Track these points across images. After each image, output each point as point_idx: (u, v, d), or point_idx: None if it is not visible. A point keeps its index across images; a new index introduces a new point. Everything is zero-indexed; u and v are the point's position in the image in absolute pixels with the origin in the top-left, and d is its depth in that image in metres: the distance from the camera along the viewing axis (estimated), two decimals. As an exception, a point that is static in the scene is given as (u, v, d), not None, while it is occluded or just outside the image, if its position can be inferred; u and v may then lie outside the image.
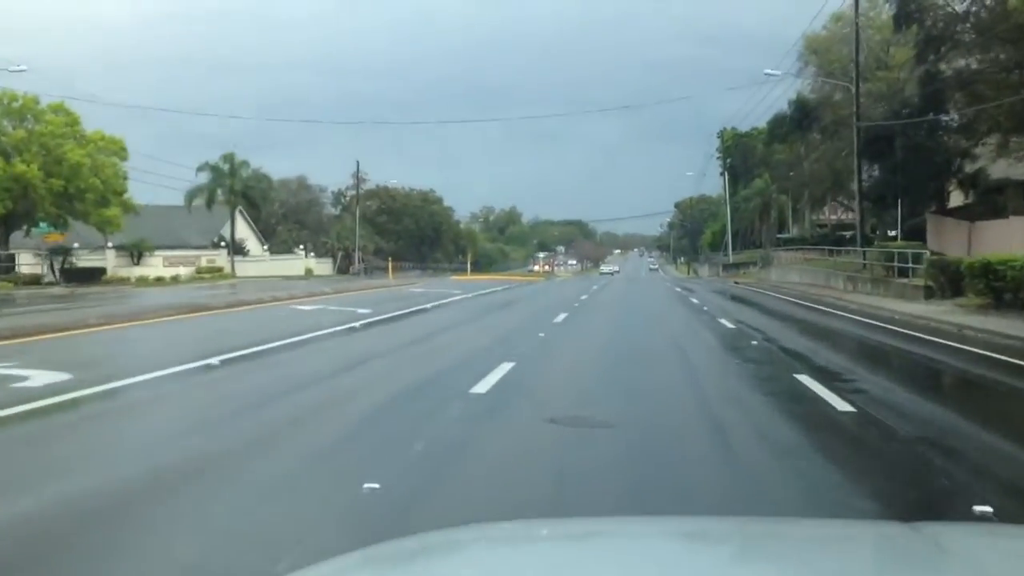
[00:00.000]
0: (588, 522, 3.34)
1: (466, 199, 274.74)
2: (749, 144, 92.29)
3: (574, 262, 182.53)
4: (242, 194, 68.74)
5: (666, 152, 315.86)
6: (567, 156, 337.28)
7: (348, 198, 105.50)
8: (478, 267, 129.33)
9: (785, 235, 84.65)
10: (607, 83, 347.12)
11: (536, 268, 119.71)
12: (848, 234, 69.47)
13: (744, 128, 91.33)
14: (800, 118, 63.90)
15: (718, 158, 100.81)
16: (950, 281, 28.51)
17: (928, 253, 30.01)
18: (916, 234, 50.11)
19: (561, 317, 21.31)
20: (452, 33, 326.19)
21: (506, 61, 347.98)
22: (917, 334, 19.17)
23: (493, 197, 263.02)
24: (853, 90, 59.96)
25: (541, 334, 17.17)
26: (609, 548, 2.29)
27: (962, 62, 41.51)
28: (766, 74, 47.63)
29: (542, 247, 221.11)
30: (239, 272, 71.09)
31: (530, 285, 47.17)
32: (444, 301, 26.91)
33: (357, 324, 18.70)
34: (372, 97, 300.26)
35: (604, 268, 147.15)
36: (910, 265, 31.50)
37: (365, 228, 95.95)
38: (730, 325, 19.82)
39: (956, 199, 49.07)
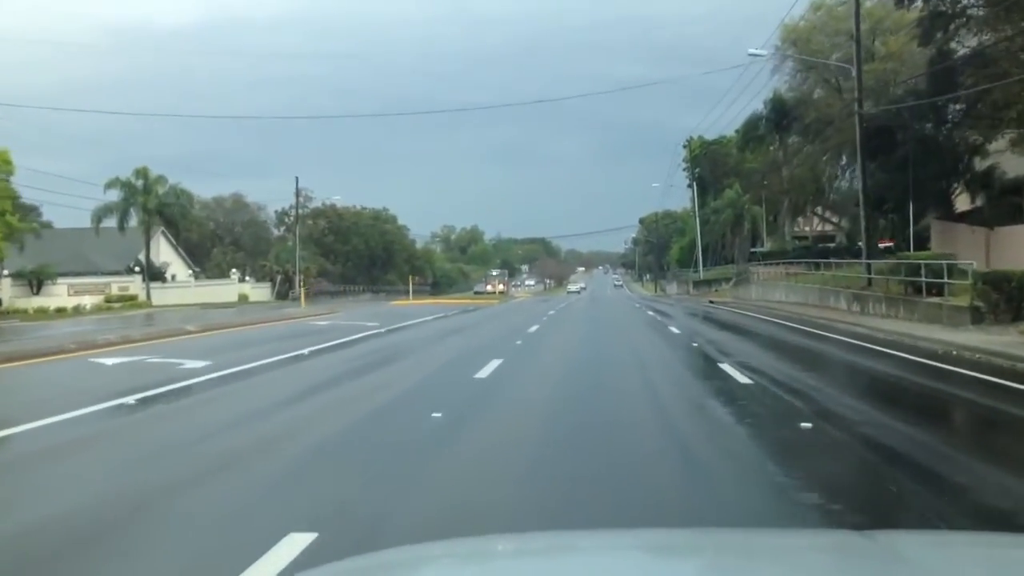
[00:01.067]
0: (558, 536, 3.34)
1: (428, 219, 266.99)
2: (718, 152, 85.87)
3: (532, 282, 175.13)
4: (158, 212, 60.91)
5: (631, 169, 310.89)
6: (531, 174, 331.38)
7: (292, 218, 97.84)
8: (437, 288, 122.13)
9: (759, 249, 78.18)
10: (570, 100, 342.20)
11: (489, 288, 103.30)
12: (832, 245, 63.23)
13: (712, 136, 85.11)
14: (778, 118, 57.35)
15: (685, 169, 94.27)
16: (1008, 301, 21.70)
17: (974, 265, 23.24)
18: (918, 244, 43.72)
19: (490, 368, 14.10)
20: (415, 50, 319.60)
21: (470, 79, 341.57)
22: (1014, 384, 12.29)
23: (455, 216, 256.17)
24: (835, 82, 53.74)
25: (436, 414, 9.86)
26: (579, 564, 2.32)
27: (974, 41, 35.16)
28: (750, 55, 40.53)
29: (505, 266, 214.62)
30: (157, 300, 63.20)
31: (477, 311, 39.92)
32: (331, 344, 19.44)
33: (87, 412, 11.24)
34: (339, 114, 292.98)
35: (571, 287, 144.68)
36: (945, 280, 24.69)
37: (309, 249, 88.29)
38: (744, 379, 12.72)
39: (962, 203, 42.66)
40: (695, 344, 19.60)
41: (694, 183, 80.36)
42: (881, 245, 56.08)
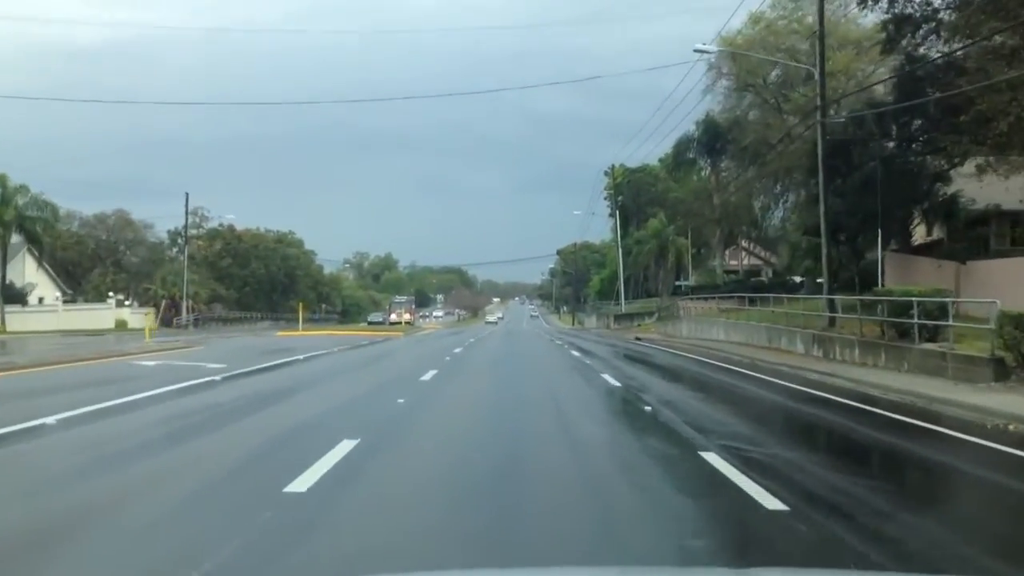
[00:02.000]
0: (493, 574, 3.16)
1: (342, 247, 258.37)
2: (642, 181, 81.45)
3: (440, 313, 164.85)
4: (18, 226, 53.04)
5: (550, 201, 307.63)
6: (450, 204, 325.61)
7: (188, 238, 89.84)
8: (346, 316, 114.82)
9: (685, 282, 73.64)
10: (490, 132, 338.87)
11: (393, 317, 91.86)
12: (764, 280, 58.78)
13: (636, 164, 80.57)
14: (710, 141, 52.75)
15: (606, 197, 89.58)
16: (1046, 351, 16.48)
17: (998, 304, 18.00)
18: (864, 278, 39.09)
19: (319, 470, 7.96)
20: (340, 76, 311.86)
21: (388, 107, 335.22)
22: None
23: (371, 245, 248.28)
24: (775, 102, 49.30)
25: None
26: None
27: (944, 47, 30.65)
28: (696, 51, 35.32)
29: (419, 295, 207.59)
30: (17, 326, 55.17)
31: (370, 346, 33.61)
32: (107, 405, 12.88)
33: None
34: (256, 139, 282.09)
35: (489, 317, 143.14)
36: (949, 323, 19.44)
37: (202, 273, 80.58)
38: (772, 502, 6.94)
39: (918, 234, 38.18)
40: (647, 408, 13.72)
41: (617, 212, 75.48)
42: (820, 281, 51.86)
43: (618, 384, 17.53)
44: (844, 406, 14.63)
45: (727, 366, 24.54)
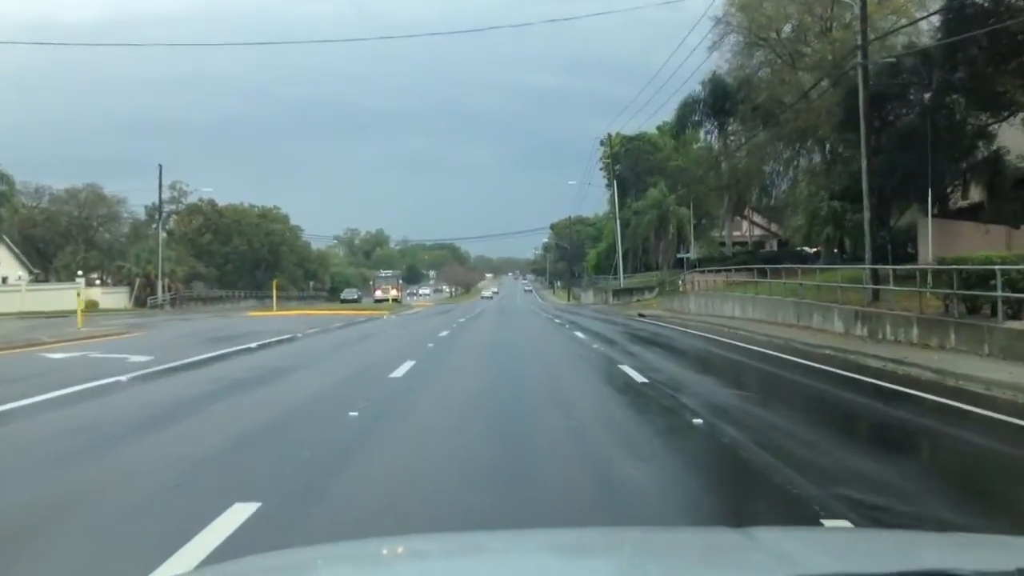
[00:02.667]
0: (465, 537, 3.19)
1: (334, 224, 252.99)
2: (640, 149, 77.17)
3: (427, 291, 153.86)
4: (-29, 201, 48.79)
5: (544, 176, 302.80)
6: (442, 180, 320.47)
7: (166, 213, 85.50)
8: (335, 294, 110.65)
9: (687, 255, 69.62)
10: (479, 108, 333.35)
11: (379, 294, 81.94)
12: (772, 251, 54.79)
13: (632, 132, 76.31)
14: (717, 102, 48.54)
15: (602, 168, 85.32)
16: None
17: None
18: (895, 247, 35.30)
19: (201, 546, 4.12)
20: (328, 52, 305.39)
21: (379, 85, 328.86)
22: None
23: (363, 222, 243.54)
24: (789, 58, 45.13)
25: None
26: (485, 565, 2.25)
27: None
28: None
29: (411, 271, 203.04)
30: (-29, 308, 50.90)
31: (346, 328, 29.30)
32: None
33: None
34: (244, 120, 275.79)
35: (485, 292, 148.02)
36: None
37: (178, 249, 76.36)
38: None
39: (953, 197, 34.30)
40: (696, 421, 9.73)
41: (614, 182, 71.19)
42: (837, 251, 47.87)
43: (643, 380, 13.55)
44: (989, 420, 10.55)
45: (761, 350, 20.59)
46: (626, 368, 15.35)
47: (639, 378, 13.81)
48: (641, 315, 44.26)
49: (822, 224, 39.72)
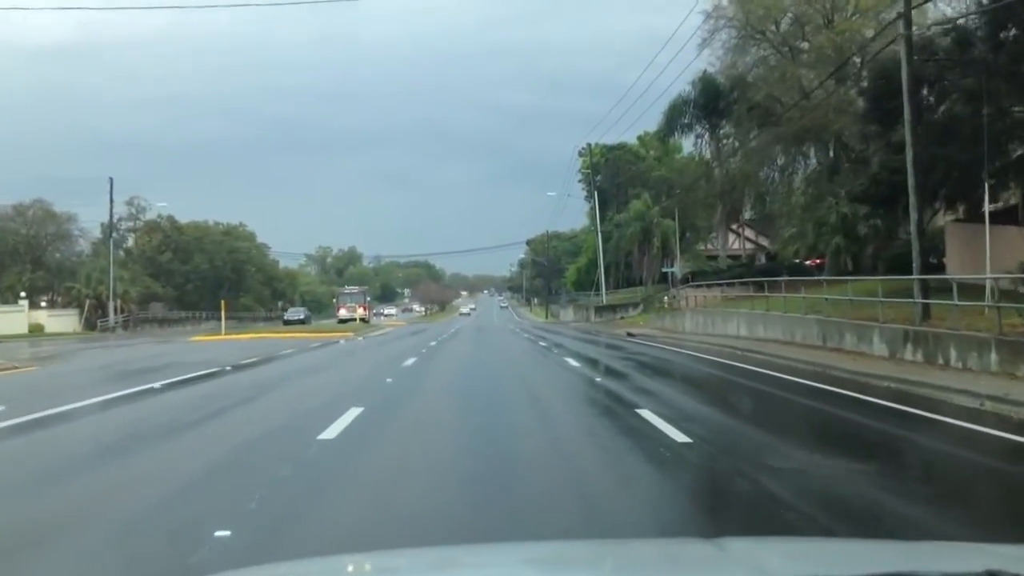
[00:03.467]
0: (441, 551, 3.11)
1: (306, 243, 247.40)
2: (621, 159, 73.33)
3: (393, 311, 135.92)
4: None
5: (517, 193, 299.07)
6: (416, 198, 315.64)
7: (123, 231, 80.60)
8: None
9: (671, 269, 65.73)
10: (454, 126, 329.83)
11: (343, 313, 71.15)
12: (765, 264, 50.75)
13: (612, 142, 72.50)
14: (708, 102, 44.72)
15: (581, 180, 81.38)
16: None
17: None
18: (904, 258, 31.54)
19: None
20: (302, 71, 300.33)
21: (356, 104, 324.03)
22: None
23: (336, 240, 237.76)
24: (788, 52, 41.31)
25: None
26: None
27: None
28: None
29: (385, 289, 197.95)
30: None
31: (288, 358, 24.31)
32: None
33: None
34: (219, 140, 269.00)
35: (463, 309, 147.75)
36: None
37: (134, 269, 71.59)
38: None
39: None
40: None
41: (595, 193, 67.16)
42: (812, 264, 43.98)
43: (683, 438, 9.29)
44: None
45: (798, 380, 16.39)
46: (649, 416, 11.09)
47: (675, 434, 9.54)
48: (630, 334, 40.15)
49: (830, 233, 35.82)
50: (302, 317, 69.91)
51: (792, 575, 2.01)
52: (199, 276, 79.35)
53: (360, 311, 70.36)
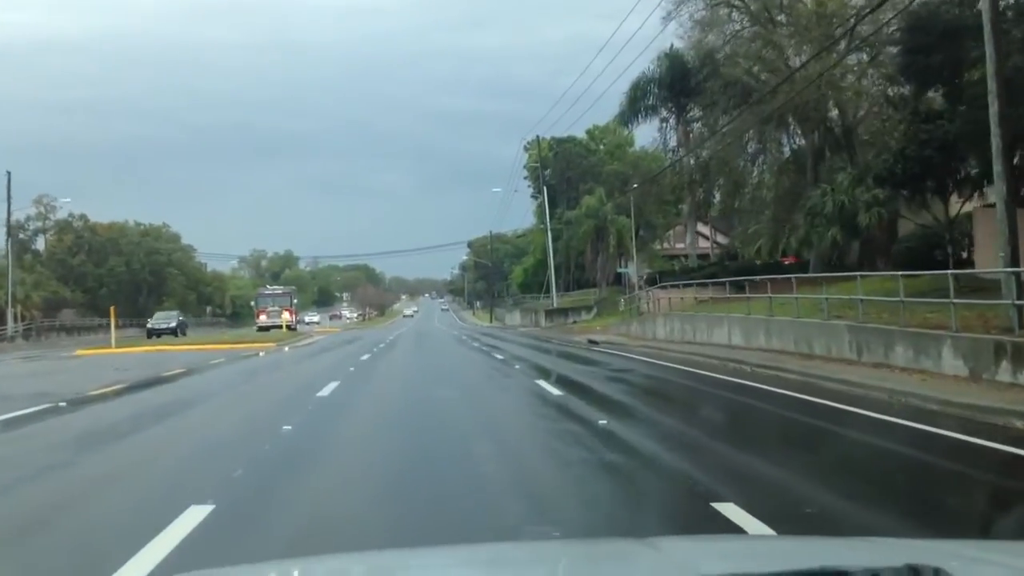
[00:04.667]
0: (386, 555, 2.97)
1: (238, 247, 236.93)
2: (571, 152, 68.13)
3: (315, 317, 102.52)
4: None
5: (458, 197, 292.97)
6: (353, 203, 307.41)
7: (30, 232, 72.99)
8: (236, 319, 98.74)
9: (623, 269, 60.76)
10: (392, 130, 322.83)
11: (262, 320, 60.10)
12: (728, 264, 45.79)
13: (560, 134, 67.24)
14: (675, 82, 39.63)
15: (526, 177, 75.97)
16: None
17: None
18: (927, 248, 27.23)
19: None
20: (232, 76, 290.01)
21: (289, 106, 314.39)
22: None
23: (271, 242, 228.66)
24: (767, 17, 36.41)
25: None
26: None
27: None
28: None
29: (323, 293, 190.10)
30: None
31: (159, 387, 17.61)
32: None
33: None
34: (149, 144, 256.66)
35: (406, 311, 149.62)
36: None
37: (41, 272, 64.24)
38: None
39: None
40: None
41: (543, 188, 61.74)
42: (786, 262, 39.46)
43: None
44: None
45: (871, 415, 11.08)
46: (753, 522, 5.64)
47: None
48: (592, 342, 34.87)
49: (825, 224, 30.91)
50: (173, 325, 54.29)
51: (721, 571, 1.99)
52: (114, 279, 72.09)
53: (285, 315, 59.11)
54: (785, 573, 1.91)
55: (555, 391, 14.52)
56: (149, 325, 49.88)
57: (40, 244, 74.49)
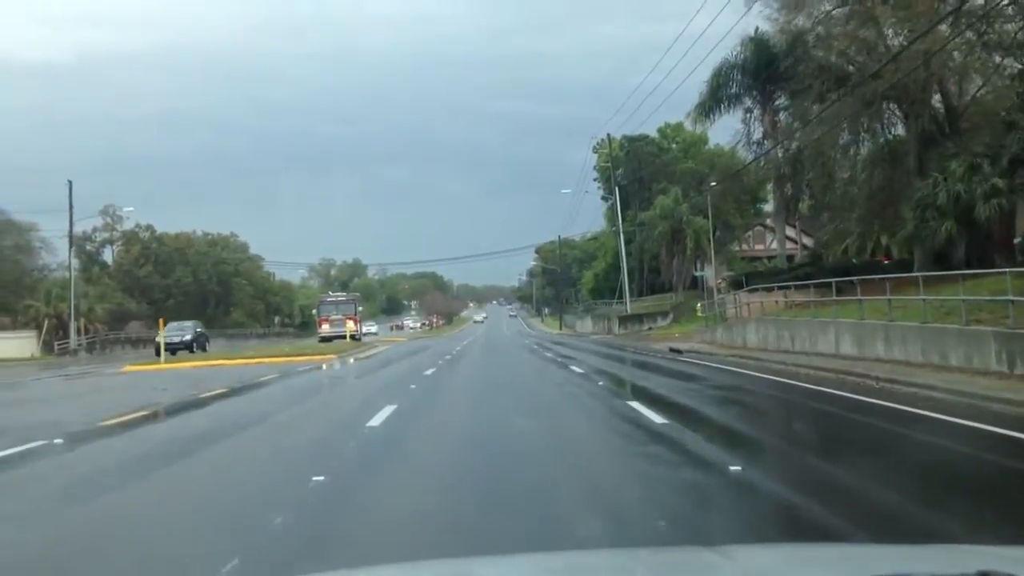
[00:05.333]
0: (452, 564, 2.96)
1: (309, 256, 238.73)
2: (643, 151, 65.03)
3: (374, 328, 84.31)
4: None
5: (524, 202, 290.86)
6: (419, 211, 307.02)
7: (97, 243, 72.62)
8: (305, 328, 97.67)
9: (700, 273, 57.49)
10: (456, 137, 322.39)
11: (325, 330, 56.22)
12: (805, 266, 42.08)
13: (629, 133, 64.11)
14: (760, 69, 36.37)
15: (596, 179, 73.08)
16: None
17: None
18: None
19: None
20: (296, 87, 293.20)
21: (351, 115, 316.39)
22: None
23: (339, 252, 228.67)
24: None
25: None
26: None
27: None
28: None
29: (391, 302, 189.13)
30: None
31: (198, 412, 15.34)
32: None
33: None
34: (218, 151, 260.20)
35: (476, 317, 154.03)
36: None
37: (106, 284, 63.48)
38: None
39: None
40: None
41: (615, 189, 58.70)
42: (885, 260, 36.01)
43: None
44: None
45: None
46: None
47: None
48: (675, 351, 31.94)
49: (937, 218, 27.46)
50: (187, 339, 46.53)
51: None
52: (181, 290, 71.18)
53: (350, 325, 54.48)
54: None
55: (656, 417, 11.67)
56: (158, 339, 38.86)
57: (108, 255, 74.17)
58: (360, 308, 63.49)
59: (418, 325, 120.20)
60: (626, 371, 22.67)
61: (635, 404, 13.44)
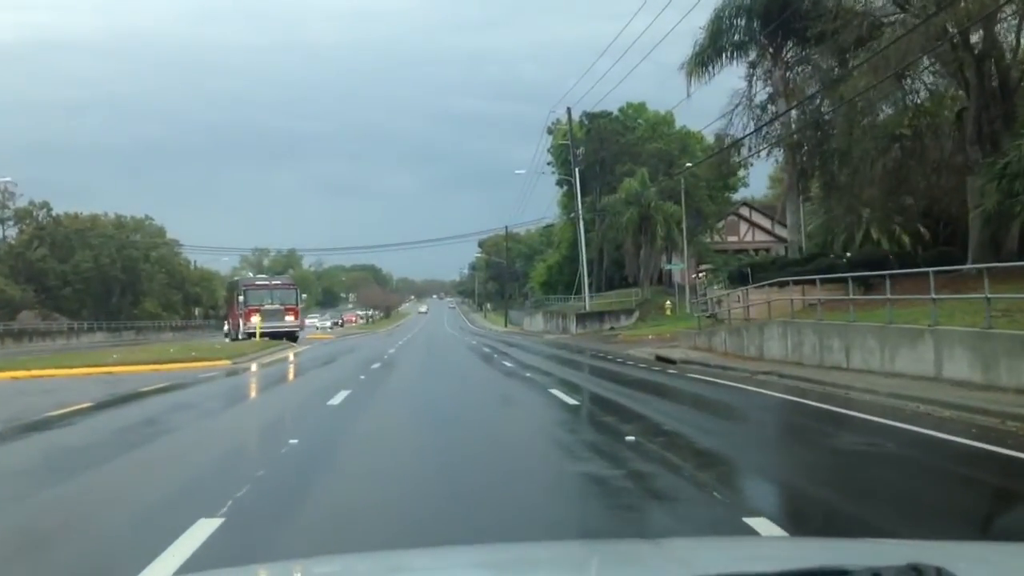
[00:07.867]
0: (388, 556, 2.82)
1: (242, 245, 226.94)
2: (606, 129, 57.89)
3: (289, 318, 54.81)
4: None
5: (467, 198, 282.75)
6: (361, 204, 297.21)
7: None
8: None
9: (668, 265, 50.86)
10: (401, 132, 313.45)
11: (253, 323, 41.02)
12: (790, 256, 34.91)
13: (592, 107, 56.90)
14: (774, 12, 29.30)
15: (550, 162, 65.53)
16: None
17: None
18: None
19: None
20: (244, 77, 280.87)
21: (300, 108, 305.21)
22: None
23: (275, 243, 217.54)
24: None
25: None
26: None
27: None
28: None
29: (327, 294, 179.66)
30: None
31: None
32: None
33: None
34: (159, 141, 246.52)
35: (421, 308, 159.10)
36: None
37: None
38: None
39: None
40: None
41: (575, 170, 51.28)
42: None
43: None
44: None
45: None
46: None
47: None
48: (664, 360, 24.93)
49: (1000, 194, 20.67)
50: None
51: (724, 571, 1.94)
52: (79, 277, 61.98)
53: (289, 318, 43.60)
54: (787, 573, 1.82)
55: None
56: None
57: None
58: (299, 296, 49.58)
59: (328, 324, 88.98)
60: (619, 395, 15.18)
61: (755, 521, 6.03)
